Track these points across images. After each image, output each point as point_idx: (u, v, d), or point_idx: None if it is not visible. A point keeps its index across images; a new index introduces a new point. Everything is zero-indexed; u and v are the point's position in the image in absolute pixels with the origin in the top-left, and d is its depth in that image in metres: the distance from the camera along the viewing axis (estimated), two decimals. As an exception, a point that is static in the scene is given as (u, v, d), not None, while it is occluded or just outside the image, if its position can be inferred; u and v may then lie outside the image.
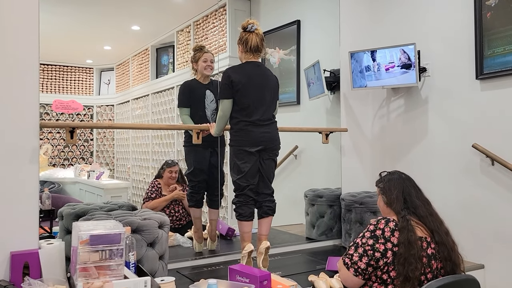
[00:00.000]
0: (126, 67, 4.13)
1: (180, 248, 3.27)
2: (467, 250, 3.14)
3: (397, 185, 2.05)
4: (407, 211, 1.96)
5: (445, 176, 3.35)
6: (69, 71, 3.76)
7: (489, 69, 3.03)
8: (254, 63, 2.78)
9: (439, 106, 3.41)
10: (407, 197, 2.01)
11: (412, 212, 1.97)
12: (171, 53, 4.16)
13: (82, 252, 1.78)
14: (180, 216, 3.60)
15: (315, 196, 3.72)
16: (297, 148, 4.00)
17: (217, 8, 3.82)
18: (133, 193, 3.97)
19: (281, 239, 3.62)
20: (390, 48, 3.44)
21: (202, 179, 3.27)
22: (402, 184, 2.06)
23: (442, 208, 3.24)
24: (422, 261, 1.85)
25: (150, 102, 4.09)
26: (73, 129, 2.51)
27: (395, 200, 2.01)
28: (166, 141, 4.01)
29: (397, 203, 2.00)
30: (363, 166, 3.90)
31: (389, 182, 2.09)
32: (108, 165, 3.92)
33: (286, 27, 4.03)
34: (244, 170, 2.68)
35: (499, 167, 2.98)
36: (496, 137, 3.02)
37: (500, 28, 2.96)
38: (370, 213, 3.33)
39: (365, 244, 1.87)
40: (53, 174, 3.51)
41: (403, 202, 2.00)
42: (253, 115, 2.69)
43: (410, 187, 2.06)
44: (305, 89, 3.94)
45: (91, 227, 1.87)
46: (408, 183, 2.08)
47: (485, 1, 3.05)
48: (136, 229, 2.38)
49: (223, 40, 3.87)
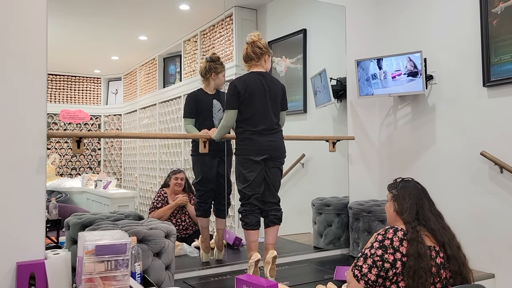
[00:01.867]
0: (133, 77, 4.16)
1: (187, 258, 3.26)
2: (477, 259, 3.09)
3: (412, 195, 2.01)
4: (417, 222, 1.93)
5: (454, 184, 3.32)
6: (77, 81, 3.78)
7: (496, 76, 3.01)
8: (258, 72, 2.79)
9: (446, 113, 3.39)
10: (420, 209, 1.97)
11: (422, 224, 1.93)
12: (178, 62, 4.17)
13: (87, 263, 1.78)
14: (187, 226, 3.60)
15: (323, 205, 3.70)
16: (304, 157, 3.99)
17: (224, 17, 3.84)
18: (140, 202, 3.97)
19: (289, 248, 3.60)
20: (396, 56, 3.43)
21: (209, 189, 3.27)
22: (417, 195, 2.02)
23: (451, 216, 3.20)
24: (431, 272, 1.82)
25: (157, 111, 4.11)
26: (80, 139, 2.53)
27: (408, 210, 1.97)
28: (174, 150, 4.01)
29: (409, 213, 1.96)
30: (370, 174, 3.88)
31: (404, 190, 2.05)
32: (116, 174, 3.93)
33: (293, 36, 4.03)
34: (249, 179, 2.68)
35: (508, 174, 2.94)
36: (505, 144, 2.99)
37: (507, 35, 2.94)
38: (378, 222, 3.31)
39: (374, 255, 1.84)
40: (61, 183, 3.52)
41: (415, 213, 1.96)
42: (258, 125, 2.70)
43: (424, 199, 2.02)
44: (312, 97, 3.93)
45: (97, 237, 1.87)
46: (423, 195, 2.04)
47: (491, 9, 3.03)
48: (142, 239, 2.38)
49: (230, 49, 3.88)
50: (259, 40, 2.81)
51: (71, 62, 3.78)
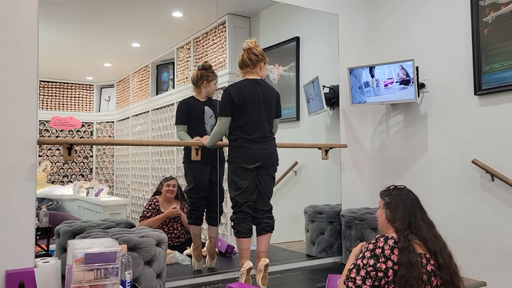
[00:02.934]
0: (126, 84, 4.15)
1: (179, 266, 3.24)
2: (469, 267, 3.09)
3: (405, 204, 2.01)
4: (409, 231, 1.93)
5: (445, 192, 3.33)
6: (69, 88, 3.77)
7: (487, 85, 3.03)
8: (253, 79, 2.79)
9: (438, 121, 3.40)
10: (412, 218, 1.97)
11: (414, 233, 1.93)
12: (171, 69, 4.17)
13: (76, 271, 1.76)
14: (179, 234, 3.57)
15: (315, 213, 3.69)
16: (297, 164, 3.99)
17: (217, 25, 3.85)
18: (132, 210, 3.95)
19: (281, 256, 3.59)
20: (388, 64, 3.45)
21: (202, 196, 3.26)
22: (410, 203, 2.02)
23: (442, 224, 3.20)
24: (422, 279, 1.82)
25: (150, 118, 4.10)
26: (71, 146, 2.51)
27: (400, 219, 1.96)
28: (166, 158, 4.00)
29: (401, 222, 1.95)
30: (363, 182, 3.88)
31: (397, 198, 2.05)
32: (108, 182, 3.91)
33: (286, 44, 4.04)
34: (242, 187, 2.67)
35: (499, 182, 2.96)
36: (496, 152, 3.01)
37: (498, 44, 2.97)
38: (370, 230, 3.31)
39: (367, 265, 1.83)
40: (52, 191, 3.49)
41: (407, 222, 1.96)
42: (252, 133, 2.70)
43: (417, 208, 2.02)
44: (305, 105, 3.94)
45: (86, 245, 1.85)
46: (415, 204, 2.03)
47: (482, 18, 3.06)
48: (133, 247, 2.36)
49: (223, 57, 3.89)
50: (256, 47, 2.81)
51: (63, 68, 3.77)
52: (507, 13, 2.92)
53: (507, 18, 2.92)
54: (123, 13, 3.59)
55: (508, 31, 2.91)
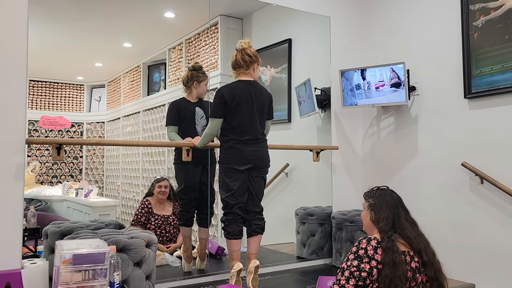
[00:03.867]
0: (117, 84, 4.13)
1: (169, 268, 3.22)
2: (458, 269, 3.11)
3: (388, 205, 2.03)
4: (393, 231, 1.94)
5: (435, 194, 3.34)
6: (59, 87, 3.74)
7: (477, 88, 3.05)
8: (246, 81, 2.78)
9: (428, 124, 3.42)
10: (396, 219, 1.99)
11: (398, 233, 1.95)
12: (163, 70, 4.16)
13: (64, 272, 1.74)
14: (171, 236, 3.55)
15: (306, 215, 3.69)
16: (288, 166, 3.99)
17: (209, 26, 3.84)
18: (122, 211, 3.92)
19: (272, 258, 3.58)
20: (380, 67, 3.47)
21: (192, 197, 3.24)
22: (394, 204, 2.04)
23: (432, 226, 3.23)
24: (406, 277, 1.84)
25: (141, 119, 4.08)
26: (60, 146, 2.49)
27: (384, 220, 1.99)
28: (157, 159, 3.98)
29: (385, 222, 1.98)
30: (353, 184, 3.89)
31: (381, 199, 2.07)
32: (98, 182, 3.88)
33: (278, 46, 4.05)
34: (233, 188, 2.67)
35: (488, 185, 2.98)
36: (485, 155, 3.03)
37: (487, 48, 2.99)
38: (360, 232, 3.31)
39: (351, 266, 1.86)
40: (41, 191, 3.46)
41: (391, 222, 1.97)
42: (243, 134, 2.70)
43: (400, 208, 2.04)
44: (296, 107, 3.94)
45: (74, 246, 1.83)
46: (398, 204, 2.06)
47: (472, 22, 3.09)
48: (122, 248, 2.34)
49: (215, 58, 3.88)
50: (249, 48, 2.80)
51: (54, 68, 3.74)
52: (496, 17, 2.94)
53: (497, 23, 2.94)
54: (114, 13, 3.57)
55: (498, 36, 2.93)
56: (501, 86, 2.91)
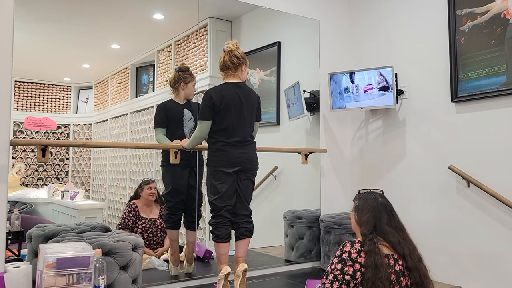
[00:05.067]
0: (105, 86, 4.09)
1: (155, 272, 3.19)
2: (444, 271, 3.13)
3: (370, 208, 2.03)
4: (374, 235, 1.94)
5: (423, 197, 3.36)
6: (45, 88, 3.69)
7: (464, 92, 3.08)
8: (235, 83, 2.77)
9: (416, 128, 3.44)
10: (377, 223, 1.98)
11: (381, 236, 1.94)
12: (151, 72, 4.13)
13: (47, 276, 1.71)
14: (158, 240, 3.52)
15: (294, 218, 3.69)
16: (277, 169, 3.98)
17: (198, 28, 3.82)
18: (109, 214, 3.88)
19: (260, 262, 3.57)
20: (368, 71, 3.48)
21: (179, 200, 3.22)
22: (376, 208, 2.03)
23: (419, 228, 3.25)
24: (390, 280, 1.84)
25: (129, 121, 4.04)
26: (45, 147, 2.45)
27: (365, 223, 1.99)
28: (145, 161, 3.95)
29: (366, 226, 1.98)
30: (342, 187, 3.89)
31: (363, 203, 2.07)
32: (84, 185, 3.83)
33: (267, 48, 4.05)
34: (221, 191, 2.65)
35: (475, 188, 3.00)
36: (472, 159, 3.05)
37: (474, 53, 3.02)
38: (349, 235, 3.31)
39: (335, 270, 1.86)
40: (25, 194, 3.40)
41: (372, 226, 1.97)
42: (231, 136, 2.68)
43: (383, 213, 2.01)
44: (285, 109, 3.94)
45: (58, 250, 1.80)
46: (382, 208, 2.03)
47: (459, 27, 3.11)
48: (108, 252, 2.31)
49: (204, 60, 3.87)
50: (237, 49, 2.78)
51: (40, 69, 3.69)
52: (482, 22, 2.97)
53: (483, 28, 2.97)
54: (103, 13, 3.53)
55: (484, 41, 2.96)
56: (487, 91, 2.94)
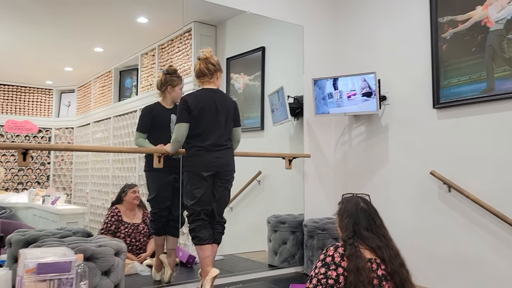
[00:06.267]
0: (87, 89, 4.05)
1: (138, 277, 3.15)
2: (425, 275, 3.16)
3: (349, 214, 2.03)
4: (356, 238, 1.95)
5: (404, 202, 3.40)
6: (27, 91, 3.64)
7: (445, 99, 3.13)
8: (210, 89, 2.81)
9: (398, 133, 3.49)
10: (356, 228, 1.99)
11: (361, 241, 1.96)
12: (135, 76, 4.11)
13: (28, 282, 1.68)
14: (141, 245, 3.48)
15: (278, 222, 3.69)
16: (261, 174, 3.99)
17: (183, 32, 3.82)
18: (90, 219, 3.83)
19: (243, 267, 3.56)
20: (351, 76, 3.52)
21: (164, 207, 3.14)
22: (355, 213, 2.03)
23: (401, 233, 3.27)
24: (372, 284, 1.85)
25: (112, 125, 4.01)
26: (26, 151, 2.41)
27: (344, 228, 2.01)
28: (127, 166, 3.91)
29: (345, 231, 1.99)
30: (325, 192, 3.92)
31: (344, 207, 2.08)
32: (65, 189, 3.78)
33: (251, 53, 4.06)
34: (196, 196, 2.66)
35: (456, 193, 3.05)
36: (453, 164, 3.10)
37: (455, 60, 3.08)
38: (332, 239, 3.33)
39: (318, 274, 1.87)
40: (5, 199, 3.35)
41: (351, 231, 1.98)
42: (206, 140, 2.70)
43: (362, 218, 2.01)
44: (269, 114, 3.96)
45: (39, 255, 1.77)
46: (361, 214, 2.02)
47: (441, 34, 3.17)
48: (90, 257, 2.28)
49: (188, 64, 3.86)
50: (212, 57, 2.83)
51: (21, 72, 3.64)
52: (463, 30, 3.04)
53: (464, 35, 3.03)
54: (86, 16, 3.50)
55: (465, 48, 3.02)
56: (468, 97, 2.99)
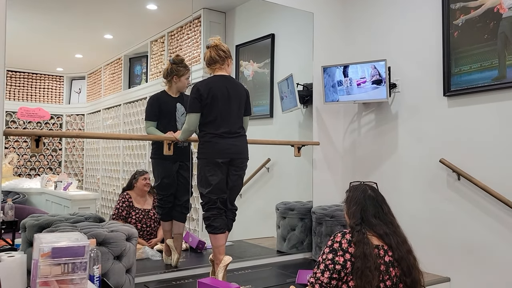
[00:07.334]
0: (98, 76, 4.07)
1: (149, 261, 3.21)
2: (433, 262, 3.18)
3: (357, 201, 2.05)
4: (363, 225, 1.96)
5: (414, 190, 3.40)
6: (38, 78, 3.67)
7: (456, 86, 3.11)
8: (222, 75, 2.80)
9: (408, 121, 3.48)
10: (364, 215, 2.00)
11: (369, 228, 1.97)
12: (145, 63, 4.11)
13: (43, 266, 1.72)
14: (151, 231, 3.53)
15: (287, 209, 3.72)
16: (269, 161, 4.00)
17: (192, 19, 3.81)
18: (102, 205, 3.88)
19: (252, 252, 3.60)
20: (361, 64, 3.50)
21: (169, 193, 3.20)
22: (362, 201, 2.04)
23: (409, 220, 3.29)
24: (379, 270, 1.87)
25: (122, 112, 4.03)
26: (39, 138, 2.45)
27: (352, 215, 2.02)
28: (138, 152, 3.95)
29: (352, 218, 2.01)
30: (334, 180, 3.93)
31: (352, 195, 2.10)
32: (77, 175, 3.83)
33: (261, 41, 4.05)
34: (212, 183, 2.66)
35: (465, 181, 3.04)
36: (463, 152, 3.09)
37: (466, 47, 3.05)
38: (340, 226, 3.35)
39: (326, 260, 1.89)
40: (18, 184, 3.40)
41: (359, 219, 1.99)
42: (220, 128, 2.70)
43: (370, 206, 2.03)
44: (278, 102, 3.96)
45: (53, 239, 1.81)
46: (369, 201, 2.04)
47: (452, 21, 3.14)
48: (102, 242, 2.32)
49: (197, 51, 3.86)
50: (222, 44, 2.82)
51: (32, 59, 3.66)
52: (476, 17, 3.00)
53: (476, 22, 3.00)
54: (95, 3, 3.51)
55: (477, 35, 2.99)
56: (479, 85, 2.97)
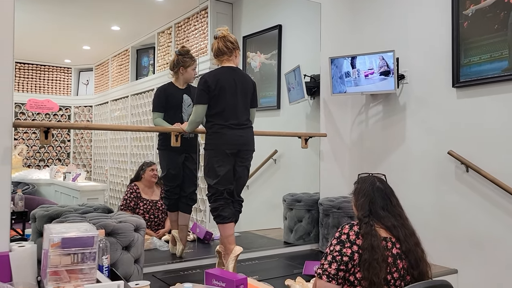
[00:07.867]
0: (105, 68, 4.09)
1: (157, 252, 3.23)
2: (441, 254, 3.18)
3: (365, 193, 2.04)
4: (371, 217, 1.97)
5: (421, 182, 3.39)
6: (46, 70, 3.69)
7: (465, 78, 3.08)
8: (230, 67, 2.79)
9: (416, 113, 3.46)
10: (372, 207, 2.00)
11: (377, 220, 1.97)
12: (152, 54, 4.12)
13: (53, 255, 1.74)
14: (159, 221, 3.56)
15: (294, 201, 3.72)
16: (277, 153, 4.01)
17: (199, 10, 3.81)
18: (110, 196, 3.92)
19: (259, 244, 3.61)
20: (369, 55, 3.48)
21: (175, 185, 3.22)
22: (371, 193, 2.04)
23: (417, 213, 3.28)
24: (387, 262, 1.87)
25: (129, 103, 4.05)
26: (47, 129, 2.46)
27: (360, 207, 2.02)
28: (145, 143, 3.97)
29: (361, 210, 2.01)
30: (341, 171, 3.93)
31: (360, 186, 2.10)
32: (85, 166, 3.86)
33: (268, 32, 4.04)
34: (219, 174, 2.67)
35: (473, 173, 3.03)
36: (471, 144, 3.07)
37: (476, 38, 3.02)
38: (347, 218, 3.36)
39: (333, 251, 1.89)
40: (28, 175, 3.44)
41: (367, 211, 1.99)
42: (228, 119, 2.70)
43: (378, 198, 2.02)
44: (286, 93, 3.95)
45: (63, 230, 1.83)
46: (377, 193, 2.03)
47: (462, 11, 3.10)
48: (111, 232, 2.34)
49: (204, 43, 3.86)
50: (229, 35, 2.81)
51: (40, 50, 3.68)
52: (486, 7, 2.97)
53: (487, 12, 2.96)
54: (103, -5, 3.51)
55: (487, 25, 2.96)
56: (489, 76, 2.95)
